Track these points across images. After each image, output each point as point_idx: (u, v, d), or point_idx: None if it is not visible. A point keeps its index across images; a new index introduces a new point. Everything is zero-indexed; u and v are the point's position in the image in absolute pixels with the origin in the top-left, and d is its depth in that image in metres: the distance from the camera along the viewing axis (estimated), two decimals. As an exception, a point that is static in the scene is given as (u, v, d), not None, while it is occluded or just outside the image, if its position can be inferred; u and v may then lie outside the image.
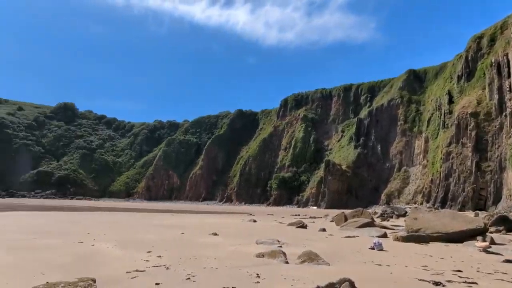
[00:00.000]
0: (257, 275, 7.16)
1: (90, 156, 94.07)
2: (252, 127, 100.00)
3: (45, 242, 12.06)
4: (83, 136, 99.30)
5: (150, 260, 8.83)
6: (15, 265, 8.01)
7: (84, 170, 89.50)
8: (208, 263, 8.48)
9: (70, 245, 11.44)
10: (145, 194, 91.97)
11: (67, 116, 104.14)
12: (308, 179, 78.51)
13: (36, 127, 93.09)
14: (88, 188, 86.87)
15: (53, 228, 17.57)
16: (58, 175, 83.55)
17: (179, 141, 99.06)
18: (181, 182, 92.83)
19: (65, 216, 28.63)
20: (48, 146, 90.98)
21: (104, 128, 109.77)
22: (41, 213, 32.43)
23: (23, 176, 79.15)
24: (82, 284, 5.08)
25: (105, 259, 9.04)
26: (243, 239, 13.96)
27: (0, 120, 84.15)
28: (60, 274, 6.98)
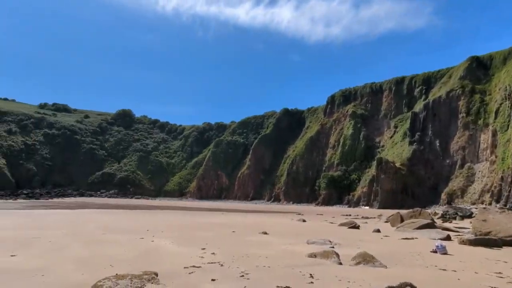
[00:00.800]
0: (311, 276, 7.06)
1: (146, 158, 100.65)
2: (299, 126, 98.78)
3: (112, 237, 13.19)
4: (139, 140, 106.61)
5: (204, 256, 9.19)
6: (89, 258, 8.88)
7: (142, 171, 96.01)
8: (260, 262, 8.58)
9: (133, 240, 12.37)
10: (197, 193, 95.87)
11: (125, 122, 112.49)
12: (358, 177, 75.42)
13: (100, 133, 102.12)
14: (146, 188, 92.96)
15: (117, 225, 19.15)
16: (119, 176, 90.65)
17: (227, 142, 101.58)
18: (229, 181, 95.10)
19: (127, 214, 31.03)
20: (110, 149, 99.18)
21: (158, 131, 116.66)
22: (107, 211, 35.55)
23: (91, 177, 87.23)
24: (146, 277, 5.46)
25: (164, 254, 9.61)
26: (293, 239, 13.88)
27: (71, 127, 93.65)
28: (126, 267, 7.58)
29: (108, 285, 4.95)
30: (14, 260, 8.35)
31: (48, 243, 11.55)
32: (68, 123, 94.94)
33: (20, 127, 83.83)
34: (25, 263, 8.08)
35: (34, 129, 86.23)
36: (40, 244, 11.18)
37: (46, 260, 8.42)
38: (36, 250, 9.92)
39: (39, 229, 15.93)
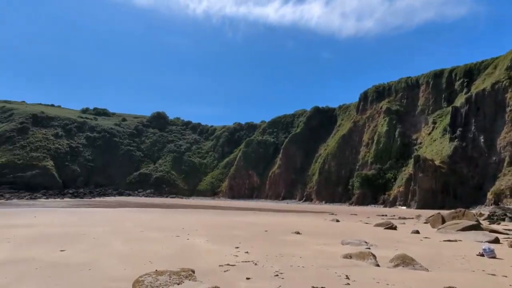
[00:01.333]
0: (347, 277, 6.90)
1: (180, 158, 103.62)
2: (330, 124, 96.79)
3: (150, 235, 13.75)
4: (173, 141, 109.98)
5: (238, 255, 9.30)
6: (129, 254, 9.33)
7: (176, 171, 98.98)
8: (295, 261, 8.52)
9: (169, 238, 12.82)
10: (228, 193, 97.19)
11: (159, 124, 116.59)
12: (394, 176, 72.44)
13: (136, 135, 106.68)
14: (180, 187, 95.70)
15: (154, 223, 19.94)
16: (155, 176, 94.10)
17: (257, 141, 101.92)
18: (260, 181, 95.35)
19: (162, 213, 32.20)
20: (146, 151, 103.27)
21: (191, 132, 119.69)
22: (144, 210, 37.14)
23: (128, 177, 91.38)
24: (184, 273, 5.63)
25: (199, 252, 9.86)
26: (327, 239, 13.64)
27: (110, 130, 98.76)
28: (164, 264, 7.87)
29: (149, 281, 5.17)
30: (63, 255, 8.98)
31: (93, 239, 12.30)
32: (108, 126, 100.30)
33: (65, 131, 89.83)
34: (73, 257, 8.66)
35: (77, 133, 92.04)
36: (85, 240, 11.93)
37: (91, 255, 8.97)
38: (83, 246, 10.60)
39: (84, 226, 17.00)
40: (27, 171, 73.00)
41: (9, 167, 71.65)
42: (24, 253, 9.07)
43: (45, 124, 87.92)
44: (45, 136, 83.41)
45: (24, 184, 68.79)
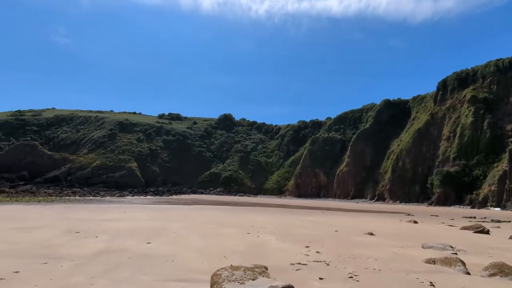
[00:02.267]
0: (431, 284, 6.31)
1: (247, 158, 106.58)
2: (402, 118, 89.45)
3: (222, 231, 14.46)
4: (240, 141, 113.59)
5: (309, 254, 9.21)
6: (205, 249, 9.96)
7: (243, 170, 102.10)
8: (370, 264, 8.10)
9: (240, 235, 13.31)
10: (295, 191, 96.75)
11: (226, 125, 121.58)
12: (484, 173, 63.69)
13: (206, 137, 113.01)
14: (247, 186, 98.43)
15: (225, 220, 20.91)
16: (224, 175, 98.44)
17: (323, 139, 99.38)
18: (327, 179, 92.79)
19: (232, 211, 33.57)
20: (215, 151, 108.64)
21: (256, 132, 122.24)
22: (215, 207, 39.23)
23: (200, 176, 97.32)
24: (257, 270, 5.79)
25: (270, 250, 10.02)
26: (405, 241, 12.65)
27: (183, 133, 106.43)
28: (237, 259, 8.20)
29: (226, 275, 5.44)
30: (149, 247, 9.99)
31: (173, 233, 13.43)
32: (181, 130, 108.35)
33: (146, 136, 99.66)
34: (158, 249, 9.58)
35: (155, 137, 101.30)
36: (167, 235, 13.09)
37: (173, 248, 9.80)
38: (165, 239, 11.65)
39: (164, 222, 18.67)
40: (116, 171, 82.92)
41: (102, 168, 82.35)
42: (118, 244, 10.33)
43: (129, 130, 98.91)
44: (129, 141, 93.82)
45: (114, 183, 78.45)
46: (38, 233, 12.21)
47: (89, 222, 16.98)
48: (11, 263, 7.14)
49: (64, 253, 8.56)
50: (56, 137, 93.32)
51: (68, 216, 20.39)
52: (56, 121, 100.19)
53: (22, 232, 12.31)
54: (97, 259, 7.96)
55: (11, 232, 12.31)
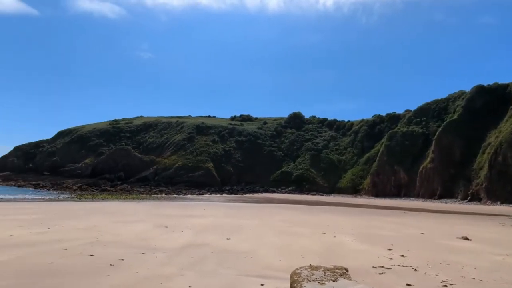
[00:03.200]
0: (551, 301, 5.31)
1: (318, 156, 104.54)
2: (501, 105, 76.90)
3: (298, 230, 14.44)
4: (310, 139, 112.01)
5: (393, 258, 8.59)
6: (282, 246, 10.07)
7: (314, 169, 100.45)
8: (467, 272, 7.19)
9: (316, 234, 13.11)
10: (371, 190, 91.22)
11: (296, 124, 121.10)
12: None
13: (276, 136, 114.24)
14: (319, 184, 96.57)
15: (299, 219, 20.83)
16: (295, 174, 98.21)
17: (402, 133, 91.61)
18: (409, 177, 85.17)
19: (305, 209, 33.26)
20: (286, 150, 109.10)
21: (327, 129, 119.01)
22: (287, 206, 39.39)
23: (272, 175, 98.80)
24: (337, 271, 5.63)
25: (349, 251, 9.65)
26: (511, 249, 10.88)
27: (254, 134, 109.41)
28: (315, 259, 8.10)
29: (305, 274, 5.42)
30: (229, 243, 10.53)
31: (249, 231, 13.91)
32: (252, 130, 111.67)
33: (220, 137, 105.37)
34: (237, 245, 10.04)
35: (228, 138, 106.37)
36: (244, 231, 13.62)
37: (251, 245, 10.16)
38: (243, 236, 12.14)
39: (241, 219, 19.45)
40: (195, 171, 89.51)
41: (184, 169, 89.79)
42: (201, 239, 11.13)
43: (205, 132, 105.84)
44: (205, 143, 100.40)
45: (194, 182, 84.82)
46: (135, 226, 13.90)
47: (175, 218, 18.64)
48: (117, 252, 8.28)
49: (157, 245, 9.58)
50: (145, 141, 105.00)
51: (157, 212, 22.74)
52: (144, 127, 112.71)
53: (123, 225, 14.16)
54: (184, 252, 8.70)
55: (115, 225, 14.27)
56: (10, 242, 9.13)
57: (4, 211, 18.62)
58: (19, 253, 7.61)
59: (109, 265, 6.87)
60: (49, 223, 13.85)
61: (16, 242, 9.06)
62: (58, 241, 9.52)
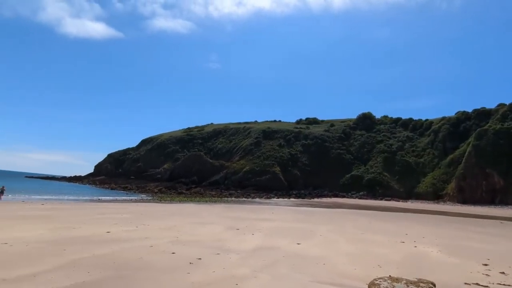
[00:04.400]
0: None
1: (392, 159, 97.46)
2: None
3: (372, 237, 13.61)
4: (382, 141, 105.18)
5: (490, 275, 7.50)
6: (356, 254, 9.58)
7: (388, 172, 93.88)
8: None
9: (393, 243, 12.17)
10: (457, 196, 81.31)
11: (366, 125, 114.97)
12: None
13: (345, 138, 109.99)
14: (394, 189, 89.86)
15: (373, 226, 19.59)
16: (366, 178, 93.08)
17: (495, 131, 80.00)
18: (505, 181, 73.89)
19: (379, 216, 31.15)
20: (355, 153, 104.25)
21: (401, 130, 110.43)
22: (359, 212, 37.38)
23: (341, 179, 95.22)
24: (423, 285, 5.13)
25: (433, 263, 8.72)
26: None
27: (320, 136, 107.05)
28: (394, 269, 7.51)
29: (385, 285, 5.06)
30: (300, 247, 10.42)
31: (320, 236, 13.57)
32: (318, 133, 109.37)
33: (286, 141, 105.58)
34: (308, 250, 9.88)
35: (295, 142, 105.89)
36: (314, 237, 13.35)
37: (323, 251, 9.90)
38: (313, 241, 11.90)
39: (309, 223, 19.12)
40: (263, 175, 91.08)
41: (251, 173, 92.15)
42: (271, 242, 11.24)
43: (271, 137, 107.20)
44: (272, 147, 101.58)
45: (261, 186, 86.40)
46: (209, 228, 14.71)
47: (245, 220, 19.19)
48: (195, 251, 8.86)
49: (231, 246, 9.97)
50: (215, 147, 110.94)
51: (228, 214, 23.71)
52: (214, 133, 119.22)
53: (199, 226, 15.10)
54: (256, 254, 8.88)
55: (192, 225, 15.31)
56: (108, 237, 10.46)
57: (102, 210, 21.46)
58: (115, 248, 8.66)
59: (188, 263, 7.38)
60: (137, 222, 15.50)
61: (112, 238, 10.34)
62: (145, 238, 10.58)
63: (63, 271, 6.13)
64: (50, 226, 12.42)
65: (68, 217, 16.27)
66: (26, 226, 12.14)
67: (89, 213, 18.83)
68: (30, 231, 10.83)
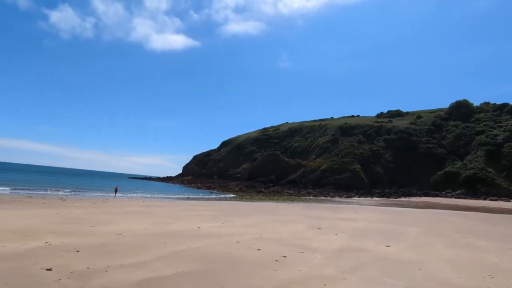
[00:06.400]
0: None
1: (497, 152, 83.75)
2: None
3: (477, 242, 11.90)
4: (484, 132, 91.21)
5: None
6: (458, 261, 8.48)
7: (492, 168, 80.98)
8: None
9: (506, 250, 10.43)
10: None
11: (461, 114, 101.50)
12: None
13: (435, 131, 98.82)
14: (501, 187, 77.03)
15: (477, 229, 17.11)
16: (464, 175, 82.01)
17: None
18: None
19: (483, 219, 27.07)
20: (449, 147, 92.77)
21: (508, 117, 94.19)
22: (457, 213, 33.02)
23: (433, 176, 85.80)
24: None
25: None
26: None
27: (405, 130, 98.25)
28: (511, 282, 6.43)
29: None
30: (390, 250, 9.70)
31: (411, 239, 12.43)
32: (403, 127, 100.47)
33: (365, 137, 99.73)
34: (399, 254, 9.14)
35: (376, 137, 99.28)
36: (405, 239, 12.29)
37: (416, 255, 9.04)
38: (405, 244, 10.96)
39: (397, 225, 17.67)
40: (342, 173, 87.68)
41: (329, 171, 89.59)
42: (357, 243, 10.73)
43: (349, 133, 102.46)
44: (350, 143, 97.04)
45: (340, 185, 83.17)
46: (290, 226, 14.80)
47: (326, 220, 18.75)
48: (279, 249, 9.02)
49: (314, 246, 9.85)
50: (291, 146, 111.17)
51: (307, 213, 23.50)
52: (290, 132, 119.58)
53: (280, 224, 15.32)
54: (342, 255, 8.59)
55: (273, 223, 15.63)
56: (199, 232, 11.39)
57: (191, 208, 23.49)
58: (206, 242, 9.38)
59: (274, 260, 7.55)
60: (223, 219, 16.51)
61: (203, 233, 11.22)
62: (231, 234, 11.20)
63: (166, 261, 6.89)
64: (151, 220, 14.12)
65: (164, 213, 18.25)
66: (133, 220, 14.04)
67: (181, 210, 20.80)
68: (136, 225, 12.48)
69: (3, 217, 12.65)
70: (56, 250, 7.37)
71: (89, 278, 5.45)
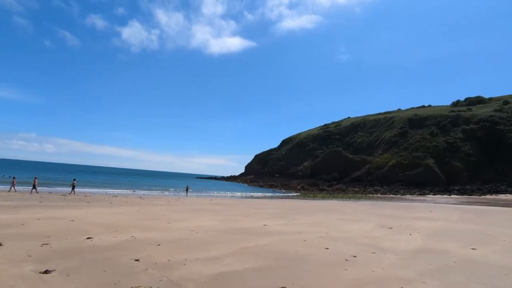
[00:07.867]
0: None
1: None
2: None
3: None
4: None
5: None
6: None
7: None
8: None
9: None
10: None
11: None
12: None
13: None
14: None
15: None
16: None
17: None
18: None
19: None
20: (546, 135, 79.70)
21: None
22: None
23: (525, 171, 74.37)
24: None
25: None
26: None
27: (489, 118, 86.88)
28: None
29: None
30: (476, 253, 8.70)
31: (503, 241, 10.98)
32: (485, 115, 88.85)
33: (439, 128, 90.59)
34: (488, 257, 8.13)
35: (452, 128, 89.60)
36: (495, 241, 10.90)
37: (509, 260, 7.95)
38: (495, 247, 9.72)
39: (484, 225, 15.73)
40: (412, 169, 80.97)
41: (398, 167, 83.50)
42: (436, 244, 9.83)
43: (420, 125, 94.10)
44: (422, 136, 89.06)
45: (411, 181, 76.75)
46: (358, 225, 14.20)
47: (398, 219, 17.55)
48: (348, 248, 8.73)
49: (386, 246, 9.31)
50: (354, 141, 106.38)
51: (376, 212, 22.26)
52: (352, 127, 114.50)
53: (347, 223, 14.81)
54: (419, 257, 7.97)
55: (339, 222, 15.18)
56: (265, 230, 11.61)
57: (255, 206, 24.05)
58: (272, 240, 9.52)
59: (344, 259, 7.33)
60: (287, 217, 16.57)
61: (269, 231, 11.41)
62: (297, 232, 11.19)
63: (236, 256, 7.19)
64: (219, 218, 14.84)
65: (231, 211, 19.01)
66: (203, 217, 14.92)
67: (246, 208, 21.43)
68: (206, 221, 13.24)
69: (96, 213, 14.52)
70: (141, 243, 8.21)
71: (170, 269, 5.96)
